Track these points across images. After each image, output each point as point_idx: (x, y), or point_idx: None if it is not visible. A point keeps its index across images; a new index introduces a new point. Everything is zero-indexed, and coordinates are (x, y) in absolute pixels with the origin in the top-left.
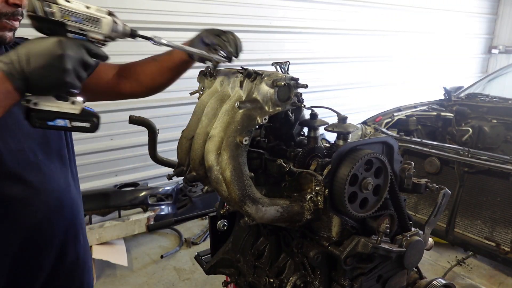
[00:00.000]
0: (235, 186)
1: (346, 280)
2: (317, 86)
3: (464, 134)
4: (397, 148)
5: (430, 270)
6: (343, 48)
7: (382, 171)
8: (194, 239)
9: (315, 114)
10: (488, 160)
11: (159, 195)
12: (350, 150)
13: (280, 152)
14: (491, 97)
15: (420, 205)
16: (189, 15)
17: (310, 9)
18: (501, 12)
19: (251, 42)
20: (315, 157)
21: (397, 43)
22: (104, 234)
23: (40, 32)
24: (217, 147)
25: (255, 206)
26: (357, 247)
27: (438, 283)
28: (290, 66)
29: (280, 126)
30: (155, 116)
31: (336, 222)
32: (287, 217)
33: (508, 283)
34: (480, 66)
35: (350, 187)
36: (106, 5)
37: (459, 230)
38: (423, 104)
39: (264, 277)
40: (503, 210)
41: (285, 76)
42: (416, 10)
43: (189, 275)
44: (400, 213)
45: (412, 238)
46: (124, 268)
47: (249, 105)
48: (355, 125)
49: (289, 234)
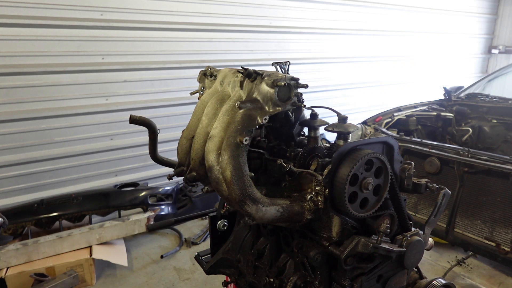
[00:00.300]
0: (235, 186)
1: (347, 280)
2: (317, 86)
3: (464, 134)
4: (397, 148)
5: (430, 270)
6: (343, 48)
7: (382, 171)
8: (194, 239)
9: (315, 114)
10: (488, 160)
11: (159, 195)
12: (350, 150)
13: (280, 152)
14: (491, 97)
15: (420, 205)
16: (189, 15)
17: (310, 9)
18: (501, 12)
19: (251, 42)
20: (315, 157)
21: (397, 43)
22: (104, 234)
23: None
24: (217, 147)
25: (255, 206)
26: (358, 247)
27: (438, 283)
28: (290, 66)
29: (281, 126)
30: (155, 116)
31: (336, 222)
32: (287, 217)
33: (508, 283)
34: (480, 66)
35: (350, 187)
36: (106, 5)
37: (459, 230)
38: (423, 104)
39: (264, 277)
40: (503, 210)
41: (285, 76)
42: (416, 10)
43: (189, 275)
44: (400, 213)
45: (412, 238)
46: (124, 268)
47: (250, 105)
48: (355, 125)
49: (289, 234)
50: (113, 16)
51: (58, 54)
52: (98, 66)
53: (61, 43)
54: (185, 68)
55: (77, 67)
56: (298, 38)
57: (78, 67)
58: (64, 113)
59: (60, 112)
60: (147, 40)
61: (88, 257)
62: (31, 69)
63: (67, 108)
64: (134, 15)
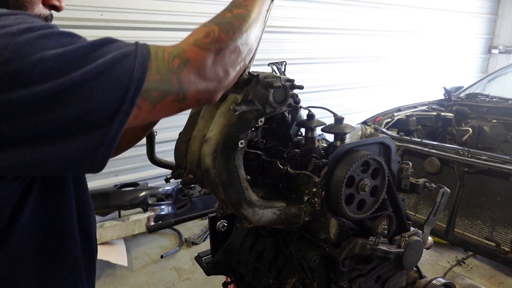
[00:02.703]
0: (231, 189)
1: (345, 281)
2: (317, 86)
3: (464, 134)
4: (395, 148)
5: (430, 270)
6: (343, 48)
7: (379, 172)
8: (194, 239)
9: (311, 115)
10: (488, 160)
11: (159, 195)
12: (346, 151)
13: (277, 153)
14: (491, 97)
15: (420, 205)
16: (189, 15)
17: (310, 9)
18: (501, 12)
19: None
20: (312, 158)
21: (397, 43)
22: (104, 234)
23: None
24: (214, 150)
25: (251, 209)
26: (355, 249)
27: (438, 282)
28: (290, 66)
29: (277, 127)
30: None
31: (334, 224)
32: (285, 219)
33: (508, 283)
34: (480, 66)
35: (347, 189)
36: (106, 5)
37: (459, 230)
38: (423, 104)
39: (263, 278)
40: (503, 210)
41: (281, 78)
42: (416, 10)
43: (189, 275)
44: (398, 213)
45: (410, 238)
46: (124, 268)
47: (245, 107)
48: (352, 126)
49: (287, 236)
50: (113, 16)
51: None
52: None
53: None
54: None
55: None
56: (297, 38)
57: None
58: None
59: None
60: (147, 40)
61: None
62: None
63: None
64: (134, 15)
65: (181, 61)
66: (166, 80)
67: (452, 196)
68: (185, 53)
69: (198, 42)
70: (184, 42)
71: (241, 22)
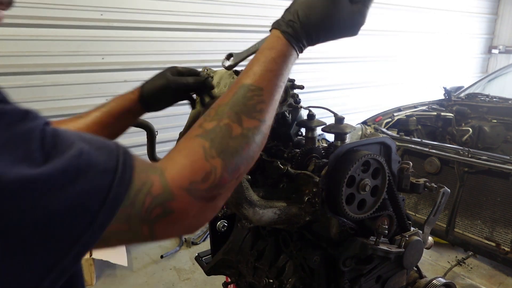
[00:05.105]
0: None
1: (345, 281)
2: (317, 86)
3: (464, 134)
4: (395, 148)
5: (430, 270)
6: (343, 48)
7: (380, 172)
8: (194, 239)
9: (312, 115)
10: (488, 160)
11: None
12: (347, 151)
13: (278, 153)
14: (491, 97)
15: (420, 205)
16: (189, 15)
17: None
18: (501, 12)
19: (251, 42)
20: (313, 158)
21: (397, 43)
22: None
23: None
24: None
25: (252, 209)
26: (356, 249)
27: (438, 282)
28: None
29: (278, 126)
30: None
31: (334, 223)
32: (285, 219)
33: (508, 283)
34: (480, 66)
35: (347, 188)
36: (106, 5)
37: (459, 230)
38: (423, 104)
39: (264, 278)
40: (503, 210)
41: None
42: (416, 10)
43: (189, 275)
44: (399, 213)
45: (411, 238)
46: (124, 268)
47: None
48: (352, 126)
49: (288, 235)
50: (113, 16)
51: (58, 54)
52: (98, 66)
53: (61, 43)
54: None
55: (77, 67)
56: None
57: (78, 67)
58: (64, 113)
59: (60, 112)
60: (147, 40)
61: (88, 257)
62: (31, 69)
63: (67, 108)
64: (134, 15)
65: (163, 212)
66: (134, 231)
67: (452, 196)
68: (171, 202)
69: (192, 188)
70: (178, 179)
71: (250, 147)
